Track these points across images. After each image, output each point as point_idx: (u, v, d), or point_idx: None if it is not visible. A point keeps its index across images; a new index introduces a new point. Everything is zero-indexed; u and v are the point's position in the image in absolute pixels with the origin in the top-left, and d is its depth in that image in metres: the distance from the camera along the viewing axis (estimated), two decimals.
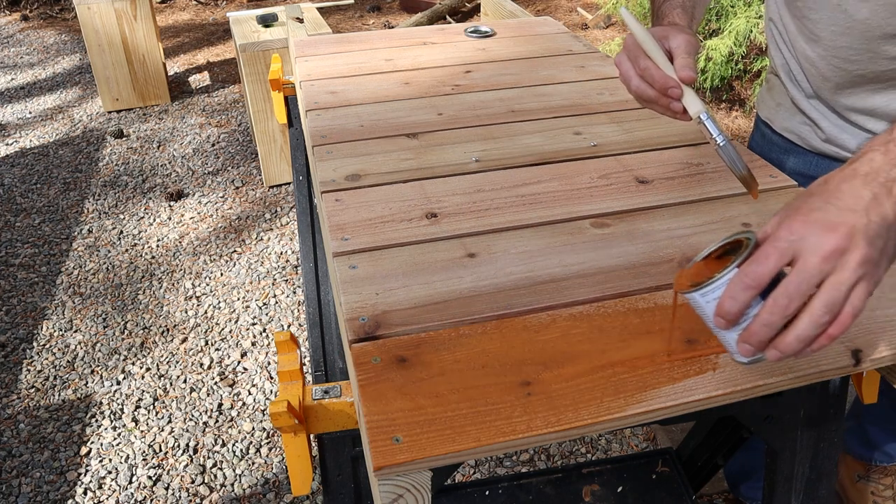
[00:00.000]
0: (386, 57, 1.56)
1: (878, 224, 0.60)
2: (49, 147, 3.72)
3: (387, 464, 0.61)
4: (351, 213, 0.98)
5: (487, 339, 0.75)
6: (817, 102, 1.12)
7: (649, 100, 0.88)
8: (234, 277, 2.67)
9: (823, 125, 1.12)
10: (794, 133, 1.19)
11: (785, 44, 1.15)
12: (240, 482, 1.88)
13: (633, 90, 0.89)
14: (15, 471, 1.93)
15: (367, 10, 5.69)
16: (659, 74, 0.85)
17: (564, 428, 0.65)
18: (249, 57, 2.94)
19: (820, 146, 1.15)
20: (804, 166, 1.18)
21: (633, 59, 0.88)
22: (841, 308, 0.59)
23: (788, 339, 0.60)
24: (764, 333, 0.60)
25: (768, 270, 0.59)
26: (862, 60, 1.01)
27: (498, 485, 1.49)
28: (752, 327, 0.60)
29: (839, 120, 1.10)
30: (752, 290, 0.59)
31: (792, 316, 0.59)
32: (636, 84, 0.88)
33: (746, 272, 0.60)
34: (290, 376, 0.83)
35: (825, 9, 1.02)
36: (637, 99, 0.90)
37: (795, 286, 0.58)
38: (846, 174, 0.63)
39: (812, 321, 0.59)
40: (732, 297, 0.60)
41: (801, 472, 0.97)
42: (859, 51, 1.00)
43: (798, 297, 0.59)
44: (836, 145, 1.12)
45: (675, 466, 1.52)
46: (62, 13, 5.94)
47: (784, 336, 0.60)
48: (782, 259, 0.59)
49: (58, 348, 2.36)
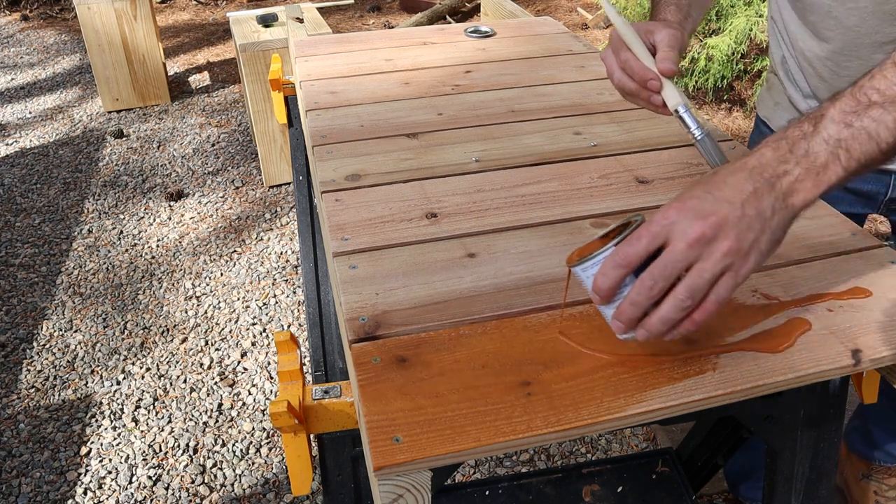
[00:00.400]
0: (386, 57, 1.56)
1: (752, 218, 0.61)
2: (49, 147, 3.72)
3: (387, 464, 0.61)
4: (351, 213, 0.98)
5: (487, 339, 0.75)
6: (814, 102, 1.12)
7: (630, 93, 0.88)
8: (234, 277, 2.67)
9: None
10: None
11: (784, 42, 1.15)
12: (240, 482, 1.88)
13: (616, 83, 0.89)
14: (15, 471, 1.93)
15: (367, 10, 5.69)
16: (638, 66, 0.85)
17: (564, 428, 0.65)
18: (249, 57, 2.94)
19: None
20: None
21: (616, 51, 0.88)
22: (704, 295, 0.61)
23: (653, 320, 0.62)
24: (631, 312, 0.63)
25: (637, 251, 0.62)
26: (853, 66, 1.01)
27: (498, 485, 1.49)
28: (621, 306, 0.63)
29: None
30: (622, 268, 0.62)
31: (658, 298, 0.61)
32: (618, 77, 0.88)
33: (618, 252, 0.63)
34: (290, 376, 0.83)
35: (820, 13, 1.02)
36: (620, 92, 0.90)
37: (660, 269, 0.61)
38: (736, 167, 0.64)
39: (674, 304, 0.61)
40: (604, 274, 0.63)
41: (801, 472, 0.97)
42: (850, 57, 1.01)
43: (662, 280, 0.61)
44: None
45: (675, 466, 1.52)
46: (62, 13, 5.94)
47: (650, 317, 0.62)
48: (653, 242, 0.62)
49: (58, 348, 2.36)
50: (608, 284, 0.63)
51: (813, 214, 0.96)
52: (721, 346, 0.73)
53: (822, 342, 0.74)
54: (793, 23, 1.10)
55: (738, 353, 0.73)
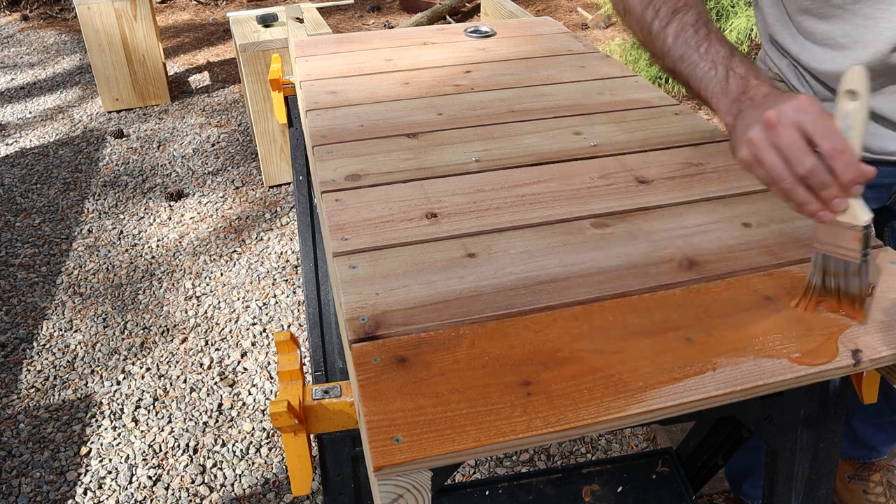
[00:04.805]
0: (386, 57, 1.56)
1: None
2: (49, 147, 3.72)
3: (387, 464, 0.61)
4: (351, 213, 0.98)
5: (487, 339, 0.75)
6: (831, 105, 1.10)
7: (814, 186, 0.72)
8: (234, 277, 2.67)
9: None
10: None
11: (788, 58, 1.14)
12: (240, 482, 1.88)
13: (800, 173, 0.71)
14: (15, 471, 1.93)
15: (367, 10, 5.69)
16: (856, 161, 0.69)
17: (564, 428, 0.65)
18: (249, 57, 2.94)
19: None
20: None
21: (819, 132, 0.71)
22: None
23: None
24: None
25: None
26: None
27: (498, 485, 1.49)
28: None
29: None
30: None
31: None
32: (807, 168, 0.71)
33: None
34: (290, 376, 0.83)
35: (851, 21, 1.01)
36: (787, 184, 0.73)
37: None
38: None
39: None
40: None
41: (801, 472, 0.97)
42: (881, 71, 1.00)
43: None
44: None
45: (675, 466, 1.52)
46: (62, 13, 5.94)
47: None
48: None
49: (58, 348, 2.36)
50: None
51: None
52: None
53: (822, 342, 0.74)
54: (793, 41, 1.09)
55: (738, 353, 0.73)
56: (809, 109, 0.73)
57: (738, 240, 0.91)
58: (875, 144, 1.08)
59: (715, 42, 0.90)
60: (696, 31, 0.91)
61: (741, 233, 0.93)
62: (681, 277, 0.85)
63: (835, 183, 0.71)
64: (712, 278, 0.84)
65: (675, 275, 0.85)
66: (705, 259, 0.88)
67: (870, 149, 1.09)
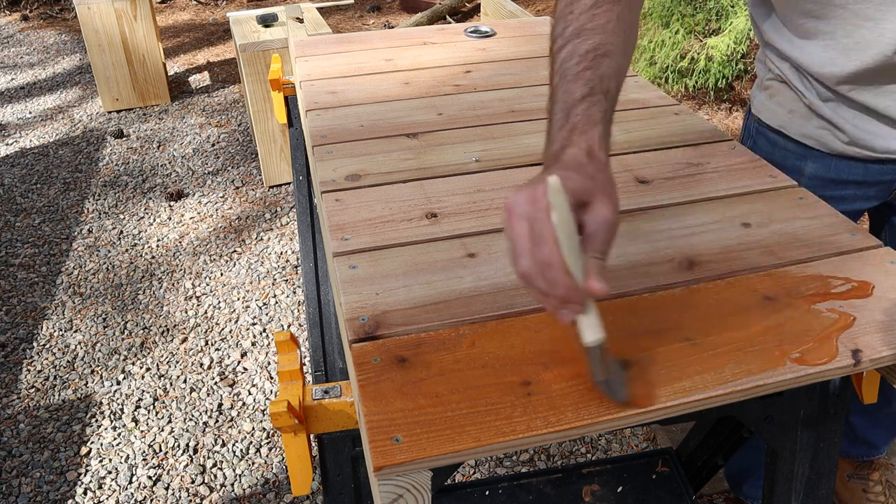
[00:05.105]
0: (386, 57, 1.56)
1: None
2: (49, 147, 3.72)
3: (387, 464, 0.61)
4: (351, 213, 0.98)
5: (487, 339, 0.75)
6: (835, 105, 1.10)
7: (535, 290, 0.65)
8: (234, 277, 2.67)
9: (847, 128, 1.10)
10: (812, 138, 1.15)
11: (788, 61, 1.13)
12: (240, 482, 1.88)
13: (521, 271, 0.65)
14: (15, 471, 1.93)
15: (367, 10, 5.69)
16: (564, 280, 0.63)
17: (564, 428, 0.65)
18: (249, 57, 2.94)
19: (842, 149, 1.12)
20: (824, 170, 1.16)
21: (536, 233, 0.64)
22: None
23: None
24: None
25: None
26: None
27: (498, 485, 1.49)
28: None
29: (861, 120, 1.08)
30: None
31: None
32: (526, 267, 0.64)
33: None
34: (290, 376, 0.83)
35: (853, 23, 1.01)
36: (519, 277, 0.66)
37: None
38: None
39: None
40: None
41: (801, 472, 0.97)
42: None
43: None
44: (860, 146, 1.10)
45: (675, 466, 1.52)
46: (62, 13, 5.94)
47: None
48: None
49: (58, 348, 2.36)
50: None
51: (813, 214, 0.96)
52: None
53: (822, 342, 0.74)
54: (792, 46, 1.09)
55: (737, 353, 0.73)
56: (539, 205, 0.64)
57: (737, 240, 0.91)
58: (878, 143, 1.08)
59: (580, 80, 0.79)
60: (577, 63, 0.81)
61: (741, 233, 0.93)
62: (681, 277, 0.85)
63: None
64: (712, 278, 0.84)
65: (675, 275, 0.85)
66: (705, 259, 0.88)
67: (872, 147, 1.09)
